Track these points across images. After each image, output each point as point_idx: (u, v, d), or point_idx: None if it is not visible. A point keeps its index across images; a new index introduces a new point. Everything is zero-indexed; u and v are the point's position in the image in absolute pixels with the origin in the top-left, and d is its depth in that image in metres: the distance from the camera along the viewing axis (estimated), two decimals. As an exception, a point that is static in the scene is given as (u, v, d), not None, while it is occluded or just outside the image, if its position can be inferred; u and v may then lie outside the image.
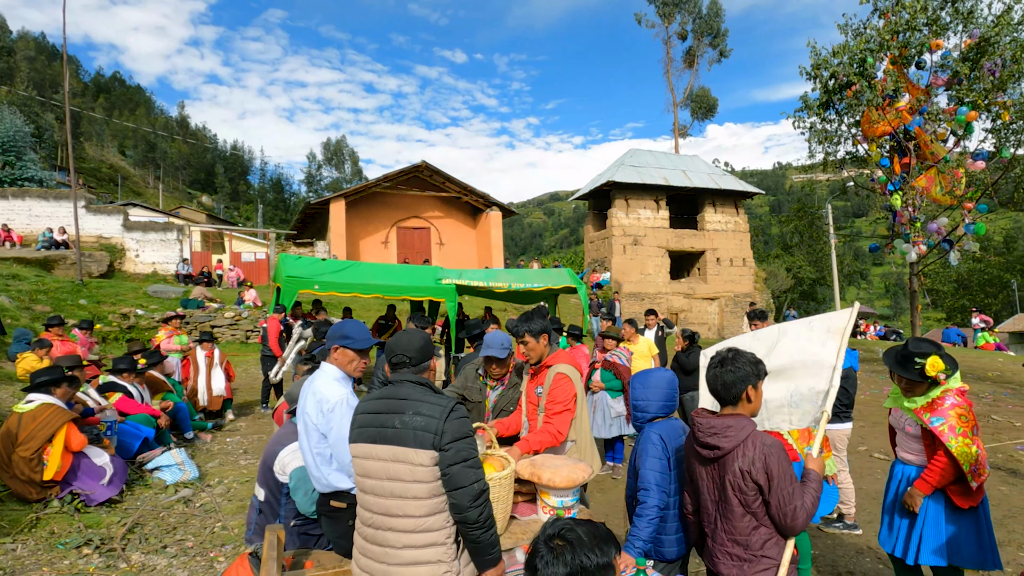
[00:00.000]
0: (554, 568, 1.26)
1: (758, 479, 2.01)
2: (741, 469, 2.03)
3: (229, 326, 14.29)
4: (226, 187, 76.61)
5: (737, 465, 2.04)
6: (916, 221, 11.75)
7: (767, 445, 2.04)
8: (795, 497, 2.00)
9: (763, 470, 2.00)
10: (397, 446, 2.01)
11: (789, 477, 2.02)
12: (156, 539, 4.01)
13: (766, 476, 2.00)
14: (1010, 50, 11.13)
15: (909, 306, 13.77)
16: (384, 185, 22.81)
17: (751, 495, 2.03)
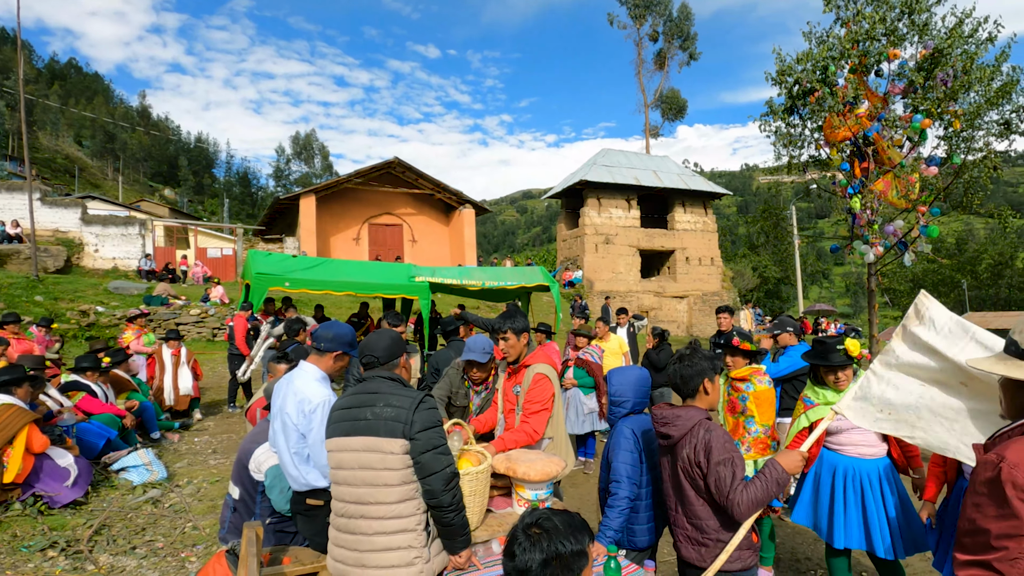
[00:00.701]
0: (531, 554, 1.34)
1: (699, 461, 2.12)
2: (687, 456, 2.16)
3: (195, 324, 13.96)
4: (190, 180, 74.35)
5: (685, 452, 2.17)
6: (874, 223, 12.23)
7: (710, 431, 2.16)
8: (730, 482, 2.04)
9: (704, 453, 2.11)
10: (369, 436, 2.08)
11: (727, 463, 2.07)
12: (124, 540, 3.94)
13: (705, 459, 2.10)
14: (961, 62, 11.68)
15: (868, 305, 14.34)
16: (356, 181, 22.54)
17: (699, 480, 2.15)
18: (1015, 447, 1.26)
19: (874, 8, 12.42)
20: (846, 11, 12.92)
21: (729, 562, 2.15)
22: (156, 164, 73.53)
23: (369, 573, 2.06)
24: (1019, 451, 1.24)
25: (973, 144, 12.89)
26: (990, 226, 41.59)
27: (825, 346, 3.12)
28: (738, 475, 2.08)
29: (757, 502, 2.05)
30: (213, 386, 10.08)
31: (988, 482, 1.26)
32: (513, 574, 1.35)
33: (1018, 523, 1.19)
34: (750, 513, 2.07)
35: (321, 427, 2.52)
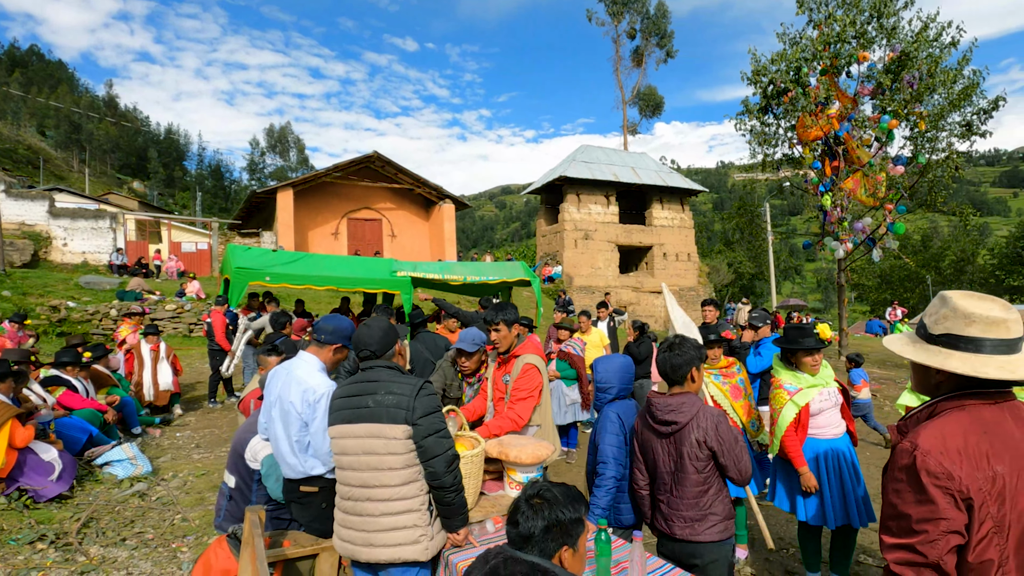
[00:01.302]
0: (533, 522, 1.46)
1: (712, 446, 2.31)
2: (697, 439, 2.32)
3: (171, 319, 13.73)
4: (160, 173, 72.43)
5: (694, 436, 2.33)
6: (844, 221, 12.67)
7: (715, 416, 2.35)
8: (744, 454, 2.35)
9: (716, 438, 2.31)
10: (372, 423, 2.18)
11: (735, 439, 2.34)
12: (114, 532, 3.95)
13: (718, 443, 2.31)
14: (926, 65, 12.14)
15: (838, 300, 14.83)
16: (334, 175, 22.33)
17: (704, 461, 2.33)
18: (926, 433, 1.31)
19: (845, 11, 12.83)
20: (818, 13, 13.31)
21: (719, 532, 2.32)
22: (124, 156, 71.39)
23: (377, 552, 2.16)
24: (930, 437, 1.29)
25: (937, 144, 13.43)
26: (953, 223, 43.10)
27: (802, 331, 3.31)
28: (744, 450, 2.37)
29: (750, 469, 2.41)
30: (192, 381, 9.97)
31: (905, 469, 1.31)
32: (517, 540, 1.46)
33: (935, 508, 1.23)
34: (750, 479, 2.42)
35: (324, 417, 2.57)
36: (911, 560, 1.26)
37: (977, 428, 1.29)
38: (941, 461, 1.25)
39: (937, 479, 1.24)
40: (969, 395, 1.35)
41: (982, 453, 1.26)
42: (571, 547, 1.48)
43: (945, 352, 1.37)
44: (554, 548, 1.45)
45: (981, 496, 1.23)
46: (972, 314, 1.34)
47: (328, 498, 2.66)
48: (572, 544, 1.48)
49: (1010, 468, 1.25)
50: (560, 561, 1.46)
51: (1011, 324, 1.33)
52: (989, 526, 1.23)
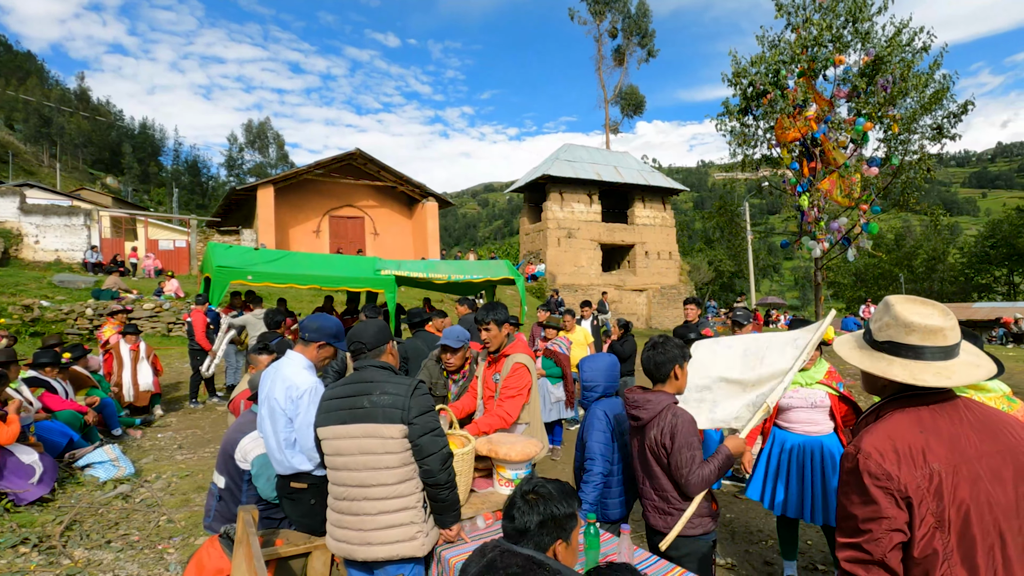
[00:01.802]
0: (529, 516, 1.52)
1: (665, 443, 2.35)
2: (654, 436, 2.38)
3: (149, 318, 13.48)
4: (135, 168, 70.75)
5: (652, 433, 2.40)
6: (820, 220, 12.98)
7: (677, 416, 2.38)
8: (690, 464, 2.28)
9: (669, 436, 2.34)
10: (368, 423, 2.21)
11: (689, 446, 2.31)
12: (98, 535, 3.91)
13: (671, 441, 2.33)
14: (899, 69, 12.49)
15: (814, 298, 15.17)
16: (316, 172, 22.12)
17: (663, 458, 2.38)
18: (869, 436, 1.38)
19: (821, 16, 13.12)
20: (796, 17, 13.60)
21: (690, 527, 2.39)
22: (97, 150, 69.59)
23: (375, 550, 2.20)
24: (872, 439, 1.36)
25: (909, 147, 13.83)
26: (925, 223, 44.21)
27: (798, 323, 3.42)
28: (696, 458, 2.31)
29: (707, 481, 2.29)
30: (172, 381, 9.83)
31: (850, 472, 1.37)
32: (513, 534, 1.52)
33: (877, 507, 1.30)
34: (700, 490, 2.32)
35: (307, 412, 2.62)
36: (859, 558, 1.33)
37: (915, 428, 1.35)
38: (880, 463, 1.31)
39: (878, 480, 1.31)
40: (909, 397, 1.42)
41: (919, 451, 1.32)
42: (565, 541, 1.54)
43: (887, 359, 1.44)
44: (548, 542, 1.51)
45: (919, 494, 1.28)
46: (912, 323, 1.40)
47: (317, 495, 2.71)
48: (566, 538, 1.55)
49: (946, 465, 1.30)
50: (554, 554, 1.52)
51: (948, 332, 1.40)
52: (930, 522, 1.28)
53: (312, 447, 2.64)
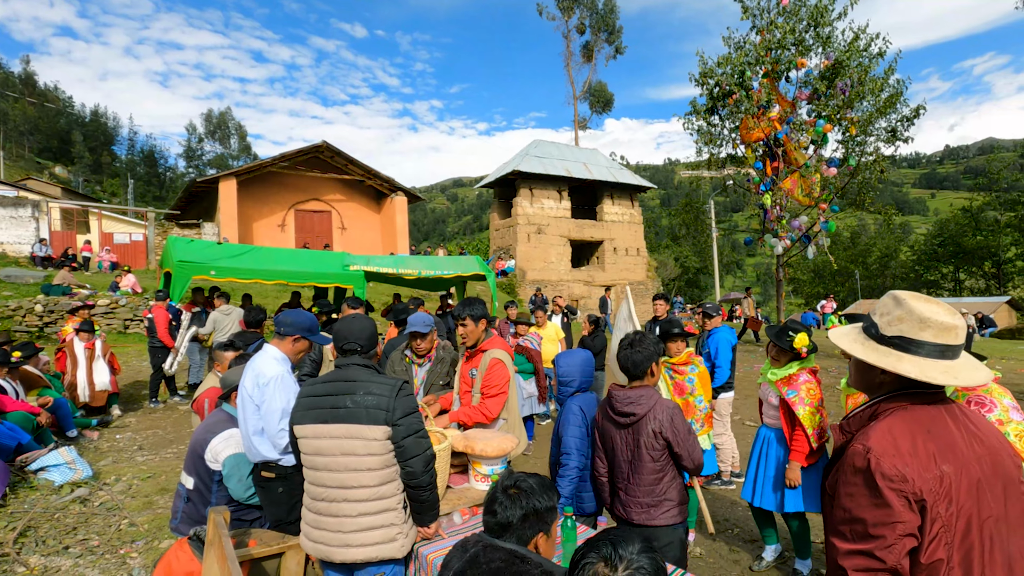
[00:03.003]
0: (511, 511, 1.54)
1: (667, 436, 2.45)
2: (653, 430, 2.45)
3: (104, 315, 12.94)
4: (85, 158, 67.48)
5: (650, 427, 2.46)
6: (782, 218, 13.39)
7: (671, 409, 2.49)
8: (696, 444, 2.50)
9: (671, 429, 2.45)
10: (351, 424, 2.17)
11: (690, 431, 2.50)
12: (55, 541, 3.75)
13: (673, 433, 2.45)
14: (856, 73, 12.96)
15: (776, 293, 15.66)
16: (281, 165, 21.57)
17: (660, 451, 2.47)
18: (877, 435, 1.30)
19: (785, 19, 13.50)
20: (761, 20, 13.95)
21: (672, 516, 2.47)
22: (44, 138, 66.07)
23: (353, 552, 2.16)
24: (881, 439, 1.28)
25: (865, 148, 14.38)
26: (879, 222, 46.07)
27: (786, 325, 3.54)
28: (695, 440, 2.53)
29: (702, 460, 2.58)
30: (130, 380, 9.48)
31: (859, 471, 1.28)
32: (496, 528, 1.54)
33: (891, 511, 1.22)
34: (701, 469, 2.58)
35: (272, 400, 2.65)
36: (869, 566, 1.24)
37: (922, 428, 1.29)
38: (895, 463, 1.24)
39: (892, 482, 1.23)
40: (908, 395, 1.36)
41: (929, 453, 1.26)
42: (545, 533, 1.57)
43: (896, 354, 1.37)
44: (530, 535, 1.53)
45: (932, 497, 1.23)
46: (928, 319, 1.34)
47: (285, 484, 2.73)
48: (546, 531, 1.57)
49: (954, 467, 1.25)
50: (535, 547, 1.55)
51: (959, 331, 1.35)
52: (939, 526, 1.23)
53: (276, 433, 2.67)
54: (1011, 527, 1.30)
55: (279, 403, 2.61)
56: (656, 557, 1.15)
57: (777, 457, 3.48)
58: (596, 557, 1.13)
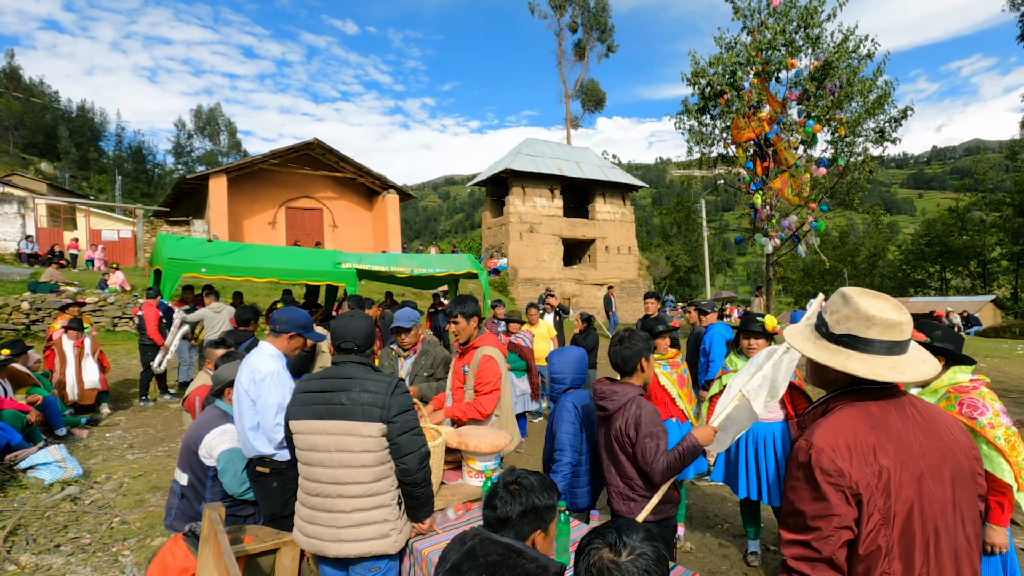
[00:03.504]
0: (511, 506, 1.56)
1: (629, 433, 2.45)
2: (620, 427, 2.48)
3: (93, 312, 12.81)
4: (72, 153, 66.59)
5: (618, 423, 2.49)
6: (772, 218, 13.51)
7: (641, 407, 2.48)
8: (654, 453, 2.37)
9: (634, 426, 2.44)
10: (346, 420, 2.18)
11: (652, 436, 2.40)
12: (46, 539, 3.73)
13: (635, 432, 2.43)
14: (846, 74, 13.09)
15: (766, 292, 15.79)
16: (272, 162, 21.43)
17: (629, 448, 2.48)
18: (820, 431, 1.34)
19: (775, 20, 13.60)
20: (752, 20, 14.04)
21: (653, 514, 2.50)
22: (29, 134, 65.13)
23: (347, 547, 2.18)
24: (824, 435, 1.33)
25: (854, 148, 14.52)
26: (867, 222, 46.51)
27: (749, 316, 3.60)
28: (660, 447, 2.40)
29: (672, 469, 2.38)
30: (120, 379, 9.41)
31: (801, 466, 1.33)
32: (494, 523, 1.56)
33: (828, 504, 1.27)
34: (666, 479, 2.41)
35: (268, 395, 2.69)
36: (806, 556, 1.30)
37: (865, 424, 1.33)
38: (833, 459, 1.28)
39: (830, 476, 1.28)
40: (859, 392, 1.40)
41: (869, 448, 1.30)
42: (543, 531, 1.60)
43: (845, 352, 1.41)
44: (528, 531, 1.56)
45: (869, 491, 1.27)
46: (873, 317, 1.38)
47: (279, 479, 2.76)
48: (544, 528, 1.60)
49: (894, 461, 1.29)
50: (533, 543, 1.57)
51: (904, 327, 1.39)
52: (877, 518, 1.27)
53: (272, 428, 2.70)
54: (959, 519, 1.34)
55: (275, 398, 2.63)
56: (659, 546, 1.19)
57: (776, 452, 3.51)
58: (601, 543, 1.18)
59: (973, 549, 1.37)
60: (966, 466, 1.38)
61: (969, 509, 1.38)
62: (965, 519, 1.36)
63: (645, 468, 2.40)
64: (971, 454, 1.41)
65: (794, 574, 1.33)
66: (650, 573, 1.14)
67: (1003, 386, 9.80)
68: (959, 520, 1.35)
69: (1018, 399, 8.68)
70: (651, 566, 1.15)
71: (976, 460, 1.42)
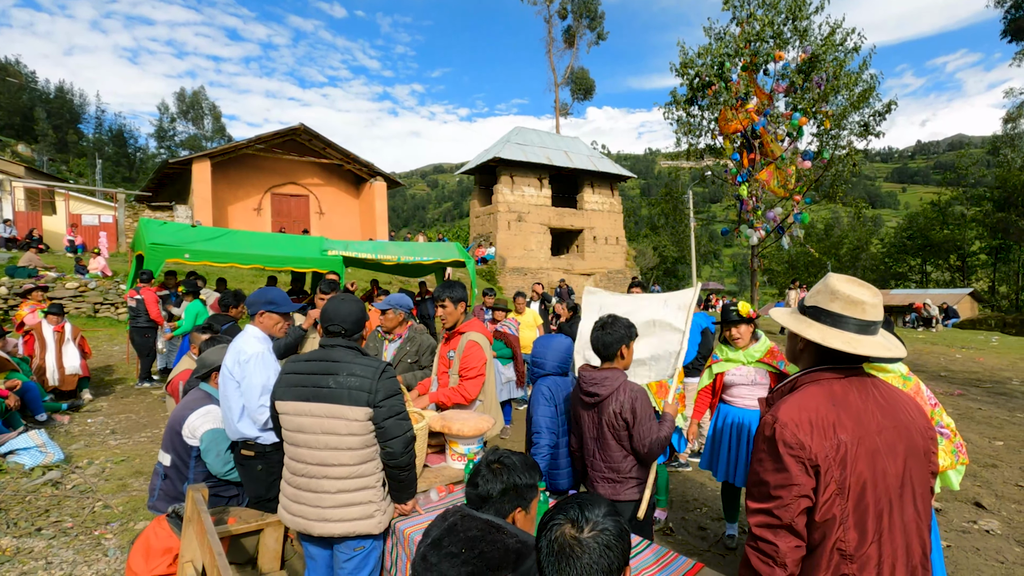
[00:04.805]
0: (492, 484, 1.60)
1: (626, 417, 2.52)
2: (614, 411, 2.53)
3: (73, 298, 12.62)
4: (50, 136, 64.96)
5: (612, 408, 2.54)
6: (758, 209, 13.65)
7: (634, 391, 2.56)
8: (651, 432, 2.52)
9: (630, 410, 2.52)
10: (333, 404, 2.20)
11: (649, 418, 2.54)
12: (27, 523, 3.71)
13: (632, 416, 2.51)
14: (832, 67, 13.20)
15: (751, 283, 15.99)
16: (257, 147, 21.12)
17: (622, 431, 2.55)
18: (786, 407, 1.43)
19: (764, 11, 13.65)
20: (741, 11, 14.09)
21: (637, 493, 2.57)
22: (5, 115, 63.34)
23: (331, 527, 2.21)
24: (788, 410, 1.42)
25: (839, 142, 14.69)
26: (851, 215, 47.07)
27: (726, 308, 3.68)
28: (654, 428, 2.54)
29: (663, 445, 2.55)
30: (102, 365, 9.31)
31: (766, 440, 1.43)
32: (476, 500, 1.60)
33: (788, 475, 1.37)
34: (658, 455, 2.58)
35: (252, 376, 2.70)
36: (769, 523, 1.39)
37: (828, 401, 1.42)
38: (795, 432, 1.37)
39: (792, 449, 1.37)
40: (824, 370, 1.49)
41: (829, 423, 1.39)
42: (524, 509, 1.64)
43: (807, 322, 1.52)
44: (508, 509, 1.60)
45: (827, 463, 1.36)
46: (837, 291, 1.49)
47: (265, 463, 2.77)
48: (525, 507, 1.64)
49: (852, 436, 1.38)
50: (513, 521, 1.61)
51: (868, 307, 1.47)
52: (833, 488, 1.36)
53: (256, 409, 2.71)
54: (908, 493, 1.44)
55: (259, 379, 2.64)
56: (620, 521, 1.21)
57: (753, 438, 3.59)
58: (563, 519, 1.18)
59: (923, 521, 1.46)
60: (920, 444, 1.48)
61: (920, 484, 1.47)
62: (916, 493, 1.46)
63: (641, 449, 2.51)
64: (927, 434, 1.50)
65: (758, 540, 1.42)
66: (611, 549, 1.14)
67: (977, 376, 10.06)
68: (909, 494, 1.44)
69: (991, 389, 8.93)
70: (612, 541, 1.15)
71: (931, 440, 1.51)
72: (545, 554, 1.15)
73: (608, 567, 1.12)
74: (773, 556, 1.39)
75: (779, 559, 1.38)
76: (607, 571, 1.11)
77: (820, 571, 1.40)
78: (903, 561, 1.42)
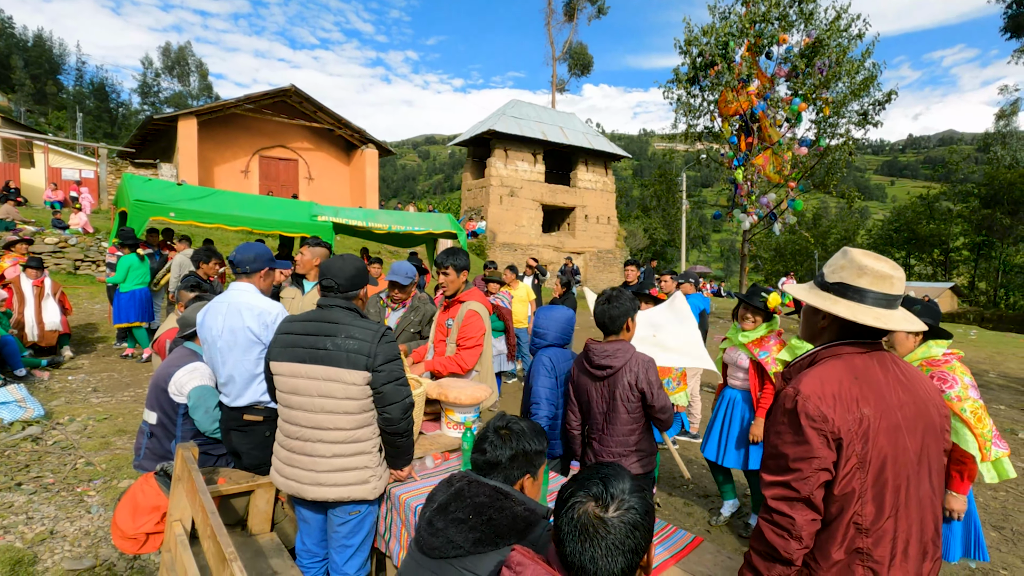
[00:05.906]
0: (501, 451, 1.55)
1: (642, 388, 2.52)
2: (629, 382, 2.51)
3: (52, 254, 12.29)
4: (27, 86, 62.63)
5: (626, 379, 2.52)
6: (752, 194, 13.63)
7: (645, 361, 2.56)
8: (666, 399, 2.58)
9: (645, 381, 2.52)
10: (330, 366, 2.12)
11: (662, 386, 2.58)
12: (6, 477, 3.63)
13: (647, 385, 2.52)
14: (835, 53, 13.08)
15: (739, 269, 16.07)
16: (246, 107, 20.52)
17: (635, 403, 2.54)
18: (808, 379, 1.42)
19: (771, -9, 13.42)
20: (747, -10, 13.83)
21: (642, 465, 2.57)
22: (-19, 62, 60.94)
23: (326, 491, 2.16)
24: (811, 383, 1.40)
25: (837, 130, 14.66)
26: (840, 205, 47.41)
27: (755, 288, 3.62)
28: (666, 395, 2.63)
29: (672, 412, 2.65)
30: (82, 322, 9.11)
31: (786, 412, 1.41)
32: (484, 466, 1.55)
33: (809, 448, 1.35)
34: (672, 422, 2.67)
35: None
36: (786, 495, 1.38)
37: (850, 375, 1.41)
38: (819, 405, 1.36)
39: (814, 421, 1.35)
40: (846, 344, 1.48)
41: (852, 397, 1.38)
42: (532, 476, 1.59)
43: (834, 299, 1.49)
44: (517, 475, 1.55)
45: (849, 436, 1.35)
46: (865, 266, 1.47)
47: (272, 427, 2.62)
48: (533, 473, 1.60)
49: (875, 411, 1.38)
50: (521, 487, 1.57)
51: (895, 281, 1.47)
52: (854, 462, 1.36)
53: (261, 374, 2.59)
54: (925, 469, 1.44)
55: None
56: (646, 496, 1.13)
57: (742, 417, 3.60)
58: (585, 496, 1.09)
59: (936, 497, 1.47)
60: (937, 421, 1.48)
61: (936, 460, 1.47)
62: (932, 469, 1.46)
63: (662, 416, 2.58)
64: (942, 411, 1.51)
65: (774, 513, 1.41)
66: (638, 529, 1.06)
67: (956, 367, 10.24)
68: (926, 470, 1.44)
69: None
70: (639, 520, 1.06)
71: (946, 417, 1.51)
72: (566, 532, 1.07)
73: (635, 547, 1.05)
74: (789, 529, 1.38)
75: (795, 532, 1.37)
76: (633, 551, 1.05)
77: (835, 544, 1.39)
78: (917, 536, 1.42)
